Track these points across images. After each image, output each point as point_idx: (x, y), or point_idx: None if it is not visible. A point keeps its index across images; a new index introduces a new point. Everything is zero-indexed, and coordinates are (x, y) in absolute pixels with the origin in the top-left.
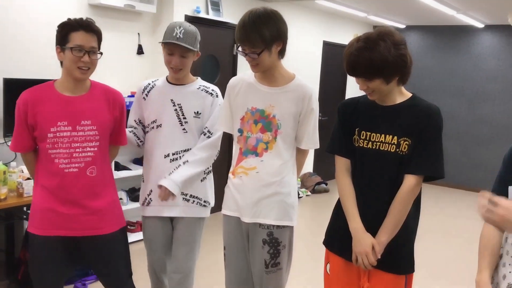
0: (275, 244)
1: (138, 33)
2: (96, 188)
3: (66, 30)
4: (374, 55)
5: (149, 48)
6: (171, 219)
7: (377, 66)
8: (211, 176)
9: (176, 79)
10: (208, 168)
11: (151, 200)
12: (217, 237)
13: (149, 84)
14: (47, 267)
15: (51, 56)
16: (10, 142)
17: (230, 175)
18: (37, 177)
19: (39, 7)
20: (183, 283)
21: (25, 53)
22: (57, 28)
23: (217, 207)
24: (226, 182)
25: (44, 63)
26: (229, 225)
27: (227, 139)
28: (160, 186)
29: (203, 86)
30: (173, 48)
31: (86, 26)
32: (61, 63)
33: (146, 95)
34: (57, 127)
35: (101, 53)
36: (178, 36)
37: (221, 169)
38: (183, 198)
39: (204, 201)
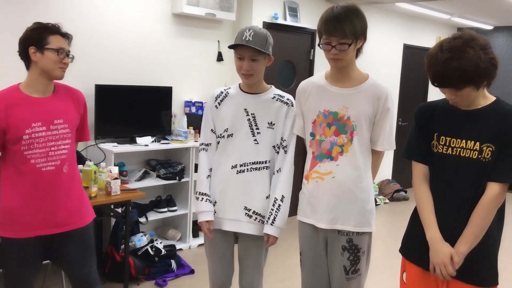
0: (355, 250)
1: (218, 41)
2: (69, 184)
3: (43, 33)
4: (465, 63)
5: (228, 55)
6: (234, 233)
7: (469, 74)
8: None
9: (249, 87)
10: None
11: (215, 212)
12: (291, 240)
13: (222, 92)
14: (23, 269)
15: (139, 64)
16: (100, 144)
17: (304, 180)
18: (5, 181)
19: (126, 17)
20: None
21: (114, 61)
22: (30, 30)
23: (292, 211)
24: (298, 186)
25: (130, 71)
26: (305, 231)
27: (301, 143)
28: (267, 235)
29: (278, 95)
30: (243, 51)
31: (60, 31)
32: (28, 64)
33: (219, 103)
34: (32, 128)
35: (73, 57)
36: (247, 39)
37: (294, 173)
38: (246, 214)
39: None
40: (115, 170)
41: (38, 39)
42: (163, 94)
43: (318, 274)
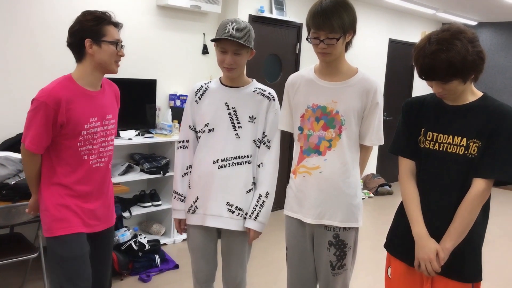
0: (341, 246)
1: (204, 33)
2: (109, 181)
3: (100, 24)
4: (452, 55)
5: (213, 48)
6: (217, 228)
7: (456, 67)
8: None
9: (230, 81)
10: (255, 179)
11: (197, 208)
12: (277, 235)
13: (202, 86)
14: (84, 265)
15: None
16: None
17: (291, 174)
18: (50, 177)
19: (111, 9)
20: None
21: None
22: (84, 20)
23: (278, 205)
24: (285, 180)
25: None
26: (291, 226)
27: (287, 137)
28: (249, 229)
29: (259, 89)
30: (225, 45)
31: (114, 21)
32: (81, 57)
33: (199, 98)
34: (90, 123)
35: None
36: (230, 32)
37: (280, 167)
38: (228, 209)
39: (247, 214)
40: None
41: (94, 31)
42: (148, 87)
43: (304, 269)
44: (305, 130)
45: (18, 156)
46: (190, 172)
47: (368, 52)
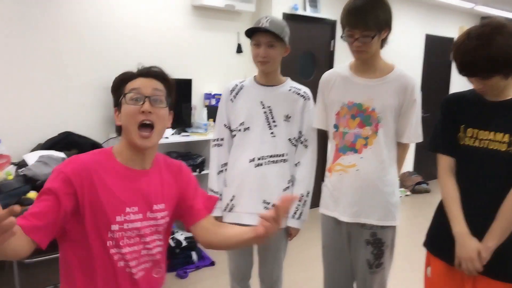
0: (378, 244)
1: (238, 32)
2: None
3: (122, 83)
4: (494, 51)
5: (248, 47)
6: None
7: (498, 62)
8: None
9: (265, 79)
10: (291, 177)
11: (233, 206)
12: (313, 233)
13: (237, 85)
14: None
15: (159, 57)
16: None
17: (326, 172)
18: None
19: (146, 10)
20: None
21: (134, 55)
22: (112, 87)
23: (313, 203)
24: (321, 179)
25: (150, 64)
26: (327, 224)
27: (321, 135)
28: (290, 228)
29: (294, 87)
30: (259, 37)
31: (141, 71)
32: (119, 130)
33: (234, 96)
34: (126, 215)
35: (171, 107)
36: (264, 25)
37: (317, 166)
38: (265, 207)
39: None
40: None
41: (118, 95)
42: (183, 87)
43: (340, 268)
44: (341, 128)
45: (60, 154)
46: (226, 169)
47: (404, 48)
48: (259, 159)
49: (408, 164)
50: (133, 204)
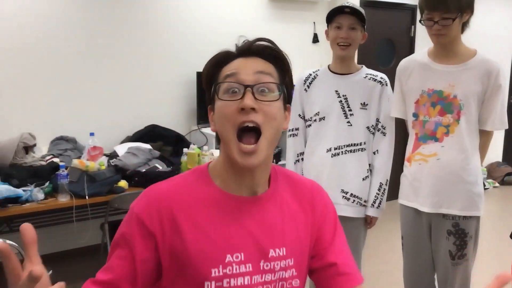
0: (461, 235)
1: (314, 22)
2: None
3: (213, 69)
4: None
5: (324, 37)
6: None
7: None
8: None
9: (340, 68)
10: (370, 166)
11: None
12: (391, 224)
13: (310, 75)
14: None
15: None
16: (202, 128)
17: (405, 162)
18: None
19: (223, 5)
20: None
21: (213, 48)
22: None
23: (392, 195)
24: (398, 169)
25: None
26: (407, 215)
27: (399, 124)
28: (370, 217)
29: (370, 74)
30: (341, 19)
31: (245, 50)
32: (218, 139)
33: (308, 86)
34: (226, 267)
35: (286, 98)
36: (346, 8)
37: (394, 155)
38: (343, 196)
39: (365, 201)
40: (217, 153)
41: (209, 87)
42: None
43: (421, 259)
44: (421, 116)
45: (146, 146)
46: (302, 159)
47: (488, 32)
48: (335, 148)
49: (497, 154)
50: (237, 250)
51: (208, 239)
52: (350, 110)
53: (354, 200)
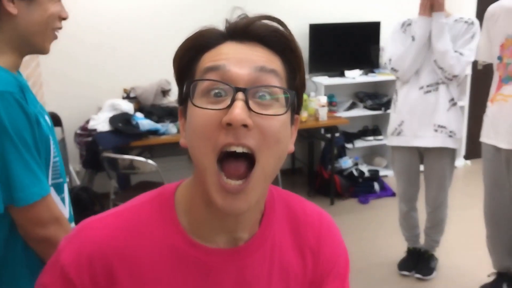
0: None
1: None
2: None
3: (188, 56)
4: None
5: None
6: (419, 151)
7: None
8: (457, 108)
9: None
10: (453, 99)
11: (402, 131)
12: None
13: (408, 19)
14: None
15: (348, 1)
16: (313, 77)
17: (488, 103)
18: None
19: None
20: (437, 214)
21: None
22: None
23: (474, 154)
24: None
25: (341, 9)
26: (487, 152)
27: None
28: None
29: (461, 17)
30: None
31: (240, 30)
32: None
33: (405, 29)
34: None
35: (295, 108)
36: None
37: (481, 99)
38: (432, 129)
39: (450, 131)
40: (324, 99)
41: (182, 80)
42: (371, 29)
43: (500, 193)
44: (504, 59)
45: None
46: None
47: None
48: (428, 86)
49: None
50: None
51: None
52: None
53: (442, 131)
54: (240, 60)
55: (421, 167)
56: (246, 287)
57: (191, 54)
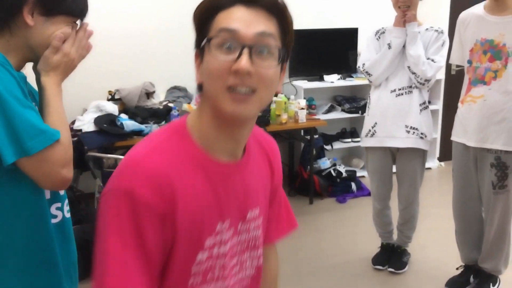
0: (502, 167)
1: None
2: None
3: (208, 11)
4: None
5: None
6: (392, 152)
7: None
8: (428, 111)
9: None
10: (424, 103)
11: (375, 132)
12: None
13: (382, 27)
14: None
15: (324, 9)
16: (293, 81)
17: (459, 104)
18: None
19: None
20: (408, 211)
21: (311, 6)
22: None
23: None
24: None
25: (317, 15)
26: (457, 150)
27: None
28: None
29: (430, 27)
30: None
31: None
32: (200, 89)
33: (379, 37)
34: (216, 235)
35: (284, 61)
36: None
37: (452, 100)
38: (404, 130)
39: (421, 133)
40: (303, 102)
41: (201, 30)
42: (349, 36)
43: (467, 188)
44: (474, 63)
45: None
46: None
47: None
48: (399, 89)
49: None
50: (225, 217)
51: (200, 208)
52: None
53: (414, 132)
54: (248, 25)
55: (394, 168)
56: (248, 188)
57: (208, 13)
